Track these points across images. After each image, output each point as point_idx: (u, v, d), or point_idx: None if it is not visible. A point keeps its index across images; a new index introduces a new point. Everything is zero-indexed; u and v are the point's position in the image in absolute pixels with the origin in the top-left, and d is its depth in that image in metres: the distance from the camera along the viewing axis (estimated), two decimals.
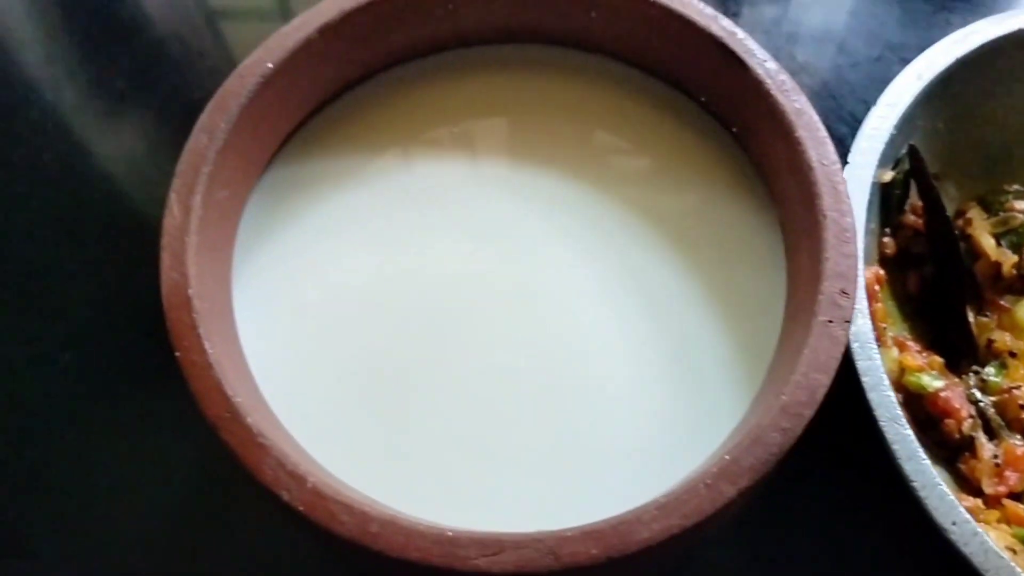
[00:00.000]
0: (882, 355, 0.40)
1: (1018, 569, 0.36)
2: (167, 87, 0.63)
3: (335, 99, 0.46)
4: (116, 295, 0.54)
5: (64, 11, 0.68)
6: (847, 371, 0.39)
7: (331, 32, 0.41)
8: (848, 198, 0.38)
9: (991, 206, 0.50)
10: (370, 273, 0.42)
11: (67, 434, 0.50)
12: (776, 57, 0.62)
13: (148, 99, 0.63)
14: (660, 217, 0.43)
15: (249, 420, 0.33)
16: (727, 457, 0.33)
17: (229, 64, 0.63)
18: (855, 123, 0.60)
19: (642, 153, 0.45)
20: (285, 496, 0.32)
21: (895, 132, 0.45)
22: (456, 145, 0.45)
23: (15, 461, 0.49)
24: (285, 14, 0.68)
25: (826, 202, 0.38)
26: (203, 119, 0.39)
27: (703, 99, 0.45)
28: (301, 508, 0.32)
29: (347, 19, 0.41)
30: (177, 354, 0.34)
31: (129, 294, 0.53)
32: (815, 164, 0.38)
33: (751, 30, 0.64)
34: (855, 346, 0.39)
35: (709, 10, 0.43)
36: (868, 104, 0.61)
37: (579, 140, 0.45)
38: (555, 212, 0.43)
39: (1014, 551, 0.39)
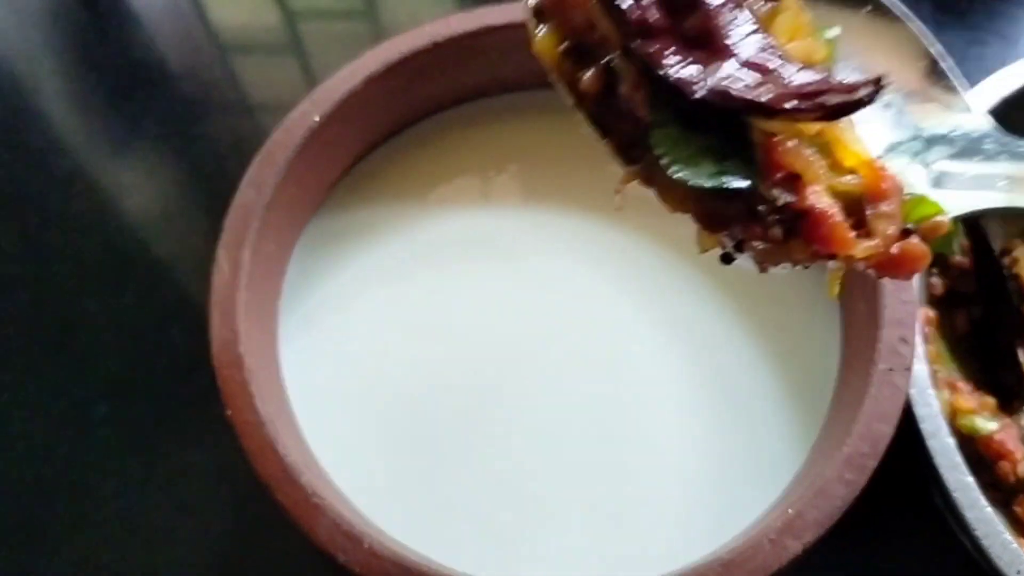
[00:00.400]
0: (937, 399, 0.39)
1: None
2: (195, 132, 0.63)
3: (376, 148, 0.46)
4: (150, 345, 0.53)
5: (85, 59, 0.69)
6: (904, 417, 0.38)
7: (376, 83, 0.41)
8: None
9: None
10: (413, 325, 0.41)
11: (104, 487, 0.49)
12: None
13: (177, 144, 0.63)
14: (706, 260, 0.43)
15: (303, 479, 0.32)
16: (791, 511, 0.32)
17: (245, 102, 0.64)
18: None
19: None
20: (341, 558, 0.31)
21: None
22: (498, 191, 0.45)
23: (52, 514, 0.49)
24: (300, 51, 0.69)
25: None
26: (251, 173, 0.39)
27: None
28: (358, 570, 0.31)
29: (391, 70, 0.41)
30: (229, 413, 0.34)
31: (163, 343, 0.53)
32: None
33: None
34: (912, 392, 0.38)
35: None
36: None
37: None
38: (601, 261, 0.43)
39: None
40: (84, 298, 0.56)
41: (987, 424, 0.42)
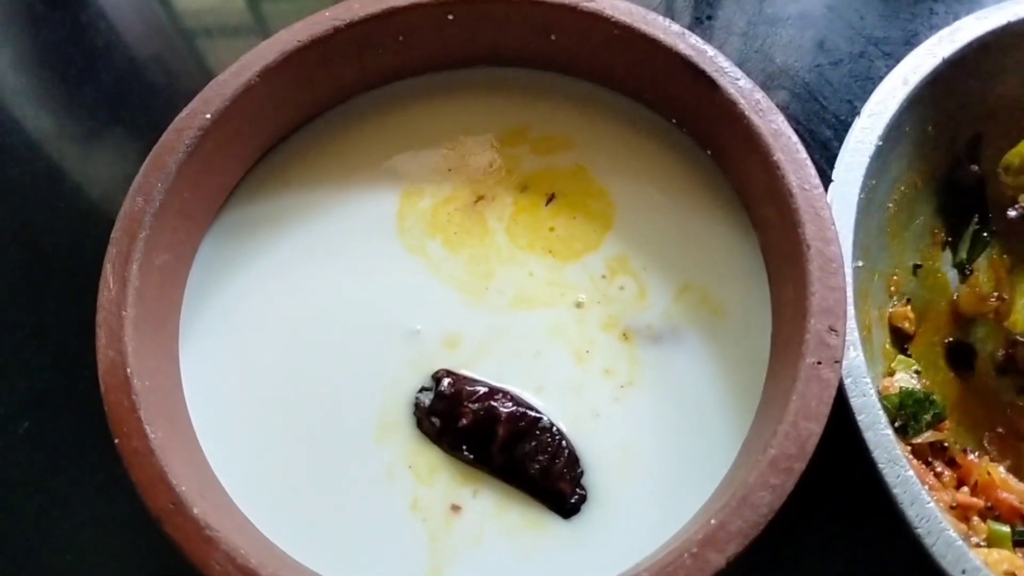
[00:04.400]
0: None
1: None
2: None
3: (285, 139, 0.43)
4: (76, 357, 0.51)
5: (46, 51, 0.66)
6: (841, 409, 0.36)
7: (272, 75, 0.39)
8: (833, 225, 0.35)
9: None
10: (319, 323, 0.39)
11: (27, 506, 0.47)
12: (753, 60, 0.60)
13: (118, 143, 0.61)
14: (636, 242, 0.41)
15: (195, 510, 0.31)
16: (713, 521, 0.30)
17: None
18: (841, 125, 0.57)
19: (614, 175, 0.43)
20: None
21: (881, 143, 0.42)
22: (416, 173, 0.43)
23: None
24: (265, 31, 0.66)
25: (809, 230, 0.35)
26: (138, 179, 0.36)
27: (674, 120, 0.43)
28: None
29: (289, 60, 0.39)
30: (117, 441, 0.32)
31: (90, 356, 0.51)
32: (795, 190, 0.36)
33: (726, 32, 0.62)
34: (848, 381, 0.36)
35: (675, 27, 0.40)
36: (853, 104, 0.58)
37: (544, 167, 0.43)
38: (520, 245, 0.41)
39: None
40: (5, 310, 0.54)
41: None
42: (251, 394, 0.37)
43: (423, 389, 0.38)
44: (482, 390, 0.37)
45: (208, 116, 0.37)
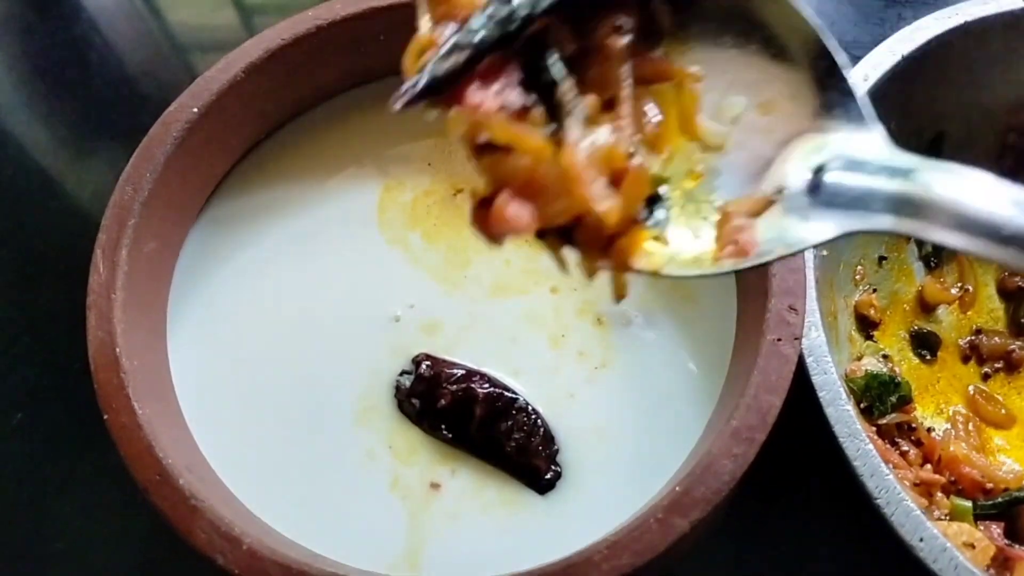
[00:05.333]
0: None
1: None
2: (131, 128, 0.62)
3: (270, 136, 0.45)
4: (67, 351, 0.52)
5: (39, 63, 0.67)
6: (804, 387, 0.38)
7: (257, 72, 0.40)
8: None
9: None
10: (302, 311, 0.41)
11: (21, 495, 0.49)
12: None
13: (108, 148, 0.62)
14: None
15: (181, 481, 0.32)
16: (678, 488, 0.32)
17: None
18: None
19: None
20: (220, 560, 0.31)
21: None
22: (397, 167, 0.44)
23: None
24: None
25: None
26: (127, 171, 0.38)
27: None
28: (237, 571, 0.31)
29: (273, 57, 0.40)
30: (105, 417, 0.33)
31: (81, 347, 0.52)
32: None
33: None
34: (809, 360, 0.38)
35: None
36: None
37: None
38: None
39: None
40: None
41: None
42: (236, 376, 0.39)
43: (403, 373, 0.39)
44: (460, 372, 0.39)
45: (195, 110, 0.38)
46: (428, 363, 0.39)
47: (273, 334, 0.40)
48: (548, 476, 0.37)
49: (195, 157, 0.39)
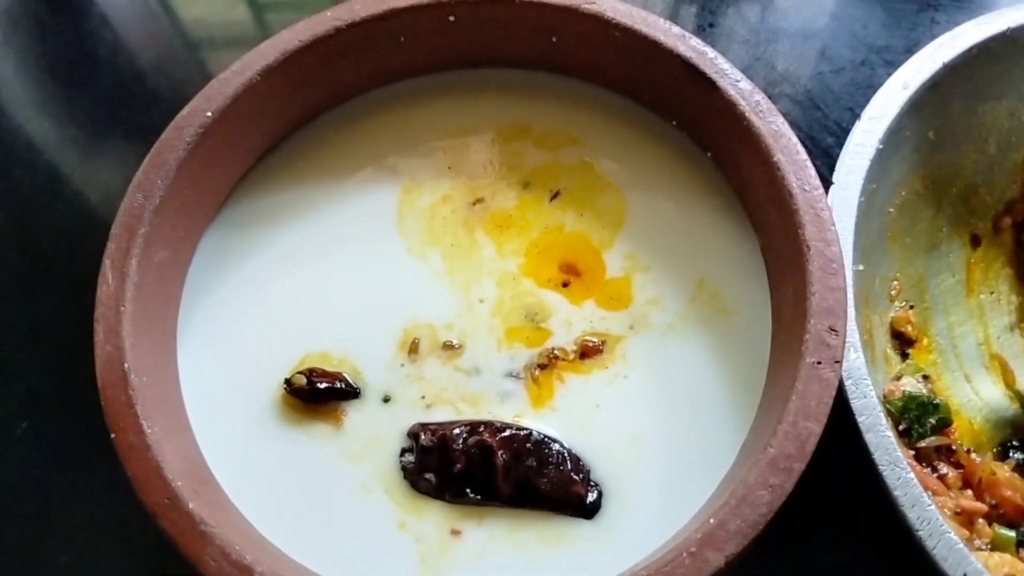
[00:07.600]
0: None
1: None
2: (142, 127, 0.61)
3: (286, 138, 0.43)
4: (74, 358, 0.51)
5: (50, 60, 0.66)
6: (842, 410, 0.36)
7: (273, 74, 0.39)
8: (833, 226, 0.35)
9: None
10: (313, 320, 0.39)
11: (24, 505, 0.47)
12: (755, 67, 0.60)
13: (118, 148, 0.61)
14: (636, 241, 0.41)
15: (191, 506, 0.30)
16: (712, 521, 0.30)
17: None
18: (842, 132, 0.57)
19: (615, 176, 0.43)
20: None
21: (881, 146, 0.42)
22: (416, 170, 0.43)
23: None
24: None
25: (809, 232, 0.35)
26: (138, 176, 0.36)
27: (675, 122, 0.43)
28: None
29: (290, 59, 0.39)
30: (113, 436, 0.32)
31: (87, 357, 0.51)
32: (795, 191, 0.36)
33: (727, 39, 0.62)
34: (848, 383, 0.36)
35: (676, 29, 0.40)
36: (854, 111, 0.58)
37: (549, 163, 0.43)
38: (527, 244, 0.41)
39: None
40: (3, 309, 0.54)
41: None
42: (248, 392, 0.37)
43: (404, 452, 0.37)
44: (464, 429, 0.37)
45: (209, 114, 0.37)
46: (427, 433, 0.37)
47: (289, 347, 0.38)
48: (592, 498, 0.35)
49: (208, 162, 0.38)
